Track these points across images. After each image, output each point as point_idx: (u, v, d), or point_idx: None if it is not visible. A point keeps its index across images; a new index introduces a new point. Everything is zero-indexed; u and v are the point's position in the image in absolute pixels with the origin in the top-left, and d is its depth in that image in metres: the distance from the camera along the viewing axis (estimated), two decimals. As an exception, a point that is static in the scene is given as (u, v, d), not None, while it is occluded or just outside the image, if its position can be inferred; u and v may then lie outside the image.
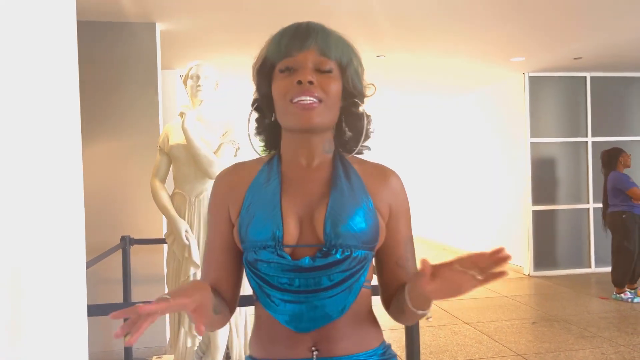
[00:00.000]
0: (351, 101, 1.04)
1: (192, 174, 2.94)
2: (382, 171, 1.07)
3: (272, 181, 1.02)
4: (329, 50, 0.98)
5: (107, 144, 4.07)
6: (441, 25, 4.52)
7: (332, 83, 0.98)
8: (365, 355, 1.01)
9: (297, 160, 1.04)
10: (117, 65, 4.08)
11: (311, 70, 0.97)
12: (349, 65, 1.01)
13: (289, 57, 0.98)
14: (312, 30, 0.99)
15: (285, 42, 0.99)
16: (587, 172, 6.77)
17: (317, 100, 0.96)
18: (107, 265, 3.91)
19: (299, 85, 0.95)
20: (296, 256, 0.97)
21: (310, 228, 0.98)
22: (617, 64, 6.27)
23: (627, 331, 4.28)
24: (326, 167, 1.04)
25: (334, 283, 0.96)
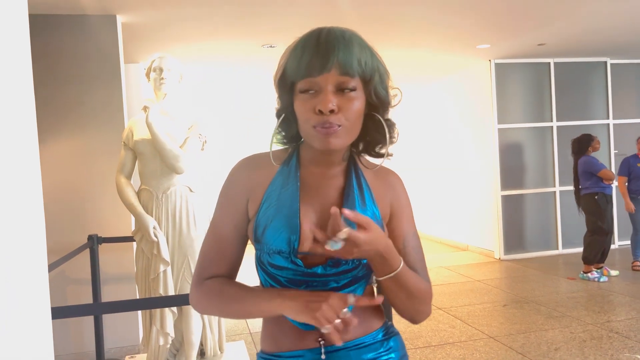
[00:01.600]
0: (370, 113, 1.02)
1: (159, 170, 2.88)
2: (383, 174, 1.11)
3: (291, 186, 1.04)
4: (352, 67, 0.94)
5: (71, 140, 3.96)
6: (407, 14, 4.52)
7: (354, 103, 0.96)
8: (370, 337, 1.05)
9: (316, 167, 1.06)
10: (78, 60, 3.96)
11: (332, 93, 0.94)
12: (373, 78, 0.98)
13: (309, 77, 0.94)
14: (333, 47, 0.93)
15: (305, 61, 0.94)
16: (553, 156, 6.92)
17: (338, 125, 0.95)
18: (75, 265, 3.83)
19: (319, 114, 0.94)
20: (308, 262, 1.00)
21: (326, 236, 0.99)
22: (579, 50, 6.41)
23: (594, 310, 4.41)
24: (341, 175, 1.07)
25: (341, 285, 1.01)
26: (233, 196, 1.07)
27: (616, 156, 6.98)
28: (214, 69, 6.32)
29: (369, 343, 1.05)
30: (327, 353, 1.01)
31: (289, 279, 1.00)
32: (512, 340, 3.79)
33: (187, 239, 2.91)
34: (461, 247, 7.87)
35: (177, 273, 2.92)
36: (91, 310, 2.80)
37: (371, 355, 1.04)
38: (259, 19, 4.37)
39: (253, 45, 5.21)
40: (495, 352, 3.58)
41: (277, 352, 1.05)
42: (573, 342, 3.67)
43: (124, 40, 4.30)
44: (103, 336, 3.56)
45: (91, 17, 3.98)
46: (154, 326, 2.93)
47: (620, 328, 3.91)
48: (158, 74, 2.93)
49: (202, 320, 3.04)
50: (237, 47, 5.30)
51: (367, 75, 0.97)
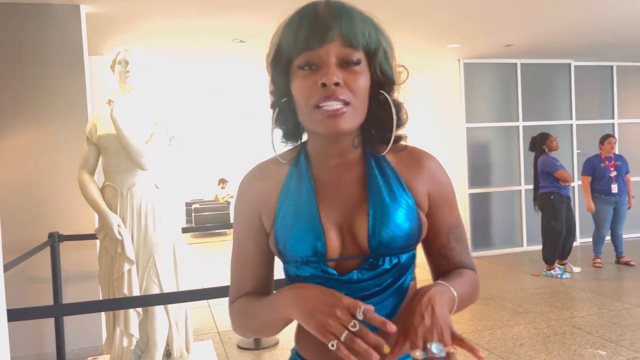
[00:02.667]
0: (377, 92, 0.91)
1: (123, 165, 2.80)
2: (417, 157, 0.98)
3: (305, 186, 0.93)
4: (355, 38, 0.84)
5: (31, 133, 3.82)
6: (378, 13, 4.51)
7: (360, 78, 0.86)
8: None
9: (327, 160, 0.95)
10: (38, 51, 3.81)
11: (335, 66, 0.84)
12: (378, 51, 0.89)
13: (309, 50, 0.84)
14: (334, 16, 0.84)
15: (303, 33, 0.84)
16: (519, 156, 7.06)
17: (344, 103, 0.84)
18: (34, 264, 3.70)
19: (323, 88, 0.83)
20: (341, 268, 0.90)
21: (352, 238, 0.90)
22: (545, 51, 6.55)
23: (558, 306, 4.52)
24: (358, 165, 0.95)
25: (382, 287, 0.91)
26: (245, 213, 0.98)
27: (578, 156, 7.17)
28: (182, 63, 6.20)
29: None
30: None
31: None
32: (479, 336, 3.84)
33: (152, 237, 2.84)
34: (429, 245, 7.95)
35: (142, 272, 2.84)
36: (52, 313, 2.70)
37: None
38: (230, 12, 4.30)
39: (223, 39, 5.13)
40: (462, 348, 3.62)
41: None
42: (537, 338, 3.75)
43: (88, 31, 4.17)
44: (64, 337, 3.45)
45: (54, 6, 3.83)
46: (117, 327, 2.85)
47: (582, 324, 4.01)
48: (123, 66, 2.84)
49: (168, 320, 2.98)
50: (206, 41, 5.20)
51: (371, 48, 0.88)
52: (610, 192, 5.75)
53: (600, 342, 3.62)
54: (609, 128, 7.47)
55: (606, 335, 3.74)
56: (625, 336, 3.69)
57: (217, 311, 4.68)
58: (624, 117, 7.60)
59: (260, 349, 3.75)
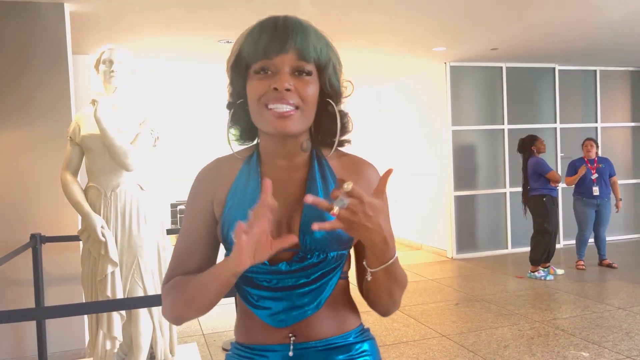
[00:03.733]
0: (326, 101, 1.01)
1: (107, 166, 2.76)
2: (357, 165, 1.08)
3: (252, 183, 1.02)
4: (308, 52, 0.95)
5: (12, 133, 3.75)
6: (365, 16, 4.53)
7: (310, 87, 0.96)
8: (342, 338, 1.03)
9: (276, 160, 1.04)
10: (22, 49, 3.75)
11: (288, 74, 0.94)
12: (327, 66, 0.99)
13: (267, 59, 0.94)
14: (291, 30, 0.94)
15: (263, 42, 0.94)
16: (504, 158, 7.12)
17: (294, 107, 0.94)
18: (16, 265, 3.64)
19: (275, 91, 0.92)
20: (273, 259, 0.98)
21: (288, 232, 0.99)
22: (529, 55, 6.62)
23: (541, 307, 4.56)
24: (304, 167, 1.04)
25: (310, 280, 0.99)
26: (199, 199, 1.06)
27: (562, 159, 7.26)
28: (167, 62, 6.15)
29: (341, 344, 1.03)
30: (296, 351, 1.00)
31: (257, 277, 1.00)
32: (464, 338, 3.86)
33: (137, 239, 2.80)
34: (415, 246, 7.98)
35: (125, 274, 2.81)
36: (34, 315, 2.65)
37: (342, 357, 1.02)
38: (215, 13, 4.27)
39: (209, 40, 5.10)
40: (447, 350, 3.64)
41: (249, 344, 1.04)
42: (521, 340, 3.77)
43: (72, 30, 4.11)
44: (46, 340, 3.39)
45: (37, 5, 3.78)
46: (100, 330, 2.81)
47: (565, 325, 4.05)
48: (108, 66, 2.81)
49: (152, 323, 2.94)
50: (192, 41, 5.17)
51: (322, 63, 0.97)
52: (592, 194, 5.82)
53: (583, 343, 3.66)
54: (592, 132, 7.57)
55: (589, 337, 3.78)
56: (608, 338, 3.74)
57: (202, 313, 4.64)
58: (606, 121, 7.71)
59: (245, 352, 3.72)
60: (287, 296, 0.99)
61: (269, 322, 1.00)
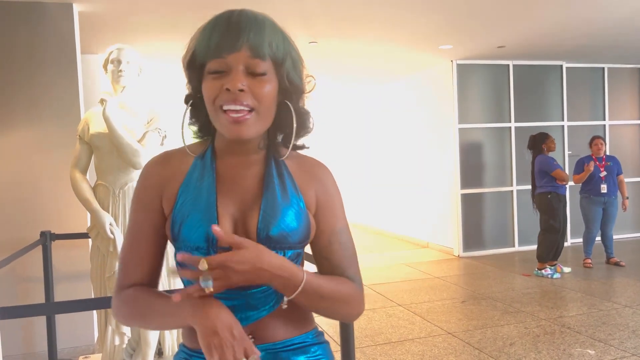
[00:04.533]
0: (283, 100, 0.97)
1: (116, 165, 2.80)
2: (311, 165, 1.05)
3: (207, 179, 0.99)
4: (262, 49, 0.90)
5: (23, 132, 3.80)
6: (372, 13, 4.54)
7: (265, 86, 0.92)
8: (299, 339, 1.02)
9: (232, 157, 1.01)
10: (32, 49, 3.80)
11: (242, 73, 0.90)
12: (285, 61, 0.95)
13: (219, 58, 0.90)
14: (244, 26, 0.90)
15: (215, 40, 0.90)
16: (511, 157, 7.10)
17: (248, 109, 0.90)
18: (26, 262, 3.69)
19: (228, 92, 0.89)
20: None
21: (244, 230, 0.96)
22: (537, 53, 6.59)
23: (548, 305, 4.55)
24: (260, 164, 1.02)
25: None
26: (146, 195, 1.01)
27: (570, 157, 7.23)
28: (175, 61, 6.18)
29: (300, 345, 1.02)
30: None
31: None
32: (470, 335, 3.87)
33: (145, 236, 2.84)
34: (422, 245, 7.99)
35: (134, 271, 2.84)
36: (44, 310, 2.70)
37: (301, 358, 1.01)
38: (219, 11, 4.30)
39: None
40: (453, 347, 3.65)
41: (199, 350, 0.97)
42: (527, 337, 3.78)
43: (81, 30, 4.16)
44: (56, 336, 3.44)
45: (46, 5, 3.82)
46: (109, 325, 2.85)
47: (572, 323, 4.05)
48: (116, 66, 2.84)
49: (160, 319, 2.98)
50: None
51: (278, 58, 0.93)
52: (600, 192, 5.80)
53: (589, 341, 3.65)
54: (600, 129, 7.54)
55: (595, 334, 3.78)
56: (614, 335, 3.73)
57: (210, 310, 4.69)
58: (615, 119, 7.67)
59: (252, 348, 3.75)
60: (241, 295, 0.95)
61: None
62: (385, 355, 3.56)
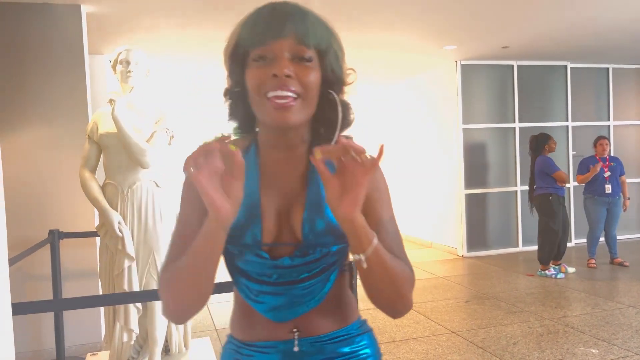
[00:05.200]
0: (326, 91, 0.95)
1: (124, 164, 2.84)
2: None
3: (250, 175, 0.98)
4: (308, 36, 0.89)
5: (31, 132, 3.85)
6: (376, 14, 4.57)
7: (311, 73, 0.90)
8: (344, 331, 1.03)
9: (275, 152, 1.00)
10: (40, 50, 3.85)
11: (288, 60, 0.88)
12: (328, 51, 0.93)
13: (264, 45, 0.88)
14: (289, 14, 0.90)
15: (259, 28, 0.89)
16: (515, 157, 7.11)
17: (295, 95, 0.89)
18: (34, 261, 3.73)
19: (274, 78, 0.87)
20: (274, 254, 0.96)
21: (288, 226, 0.97)
22: (541, 53, 6.60)
23: (551, 305, 4.57)
24: (304, 159, 1.00)
25: (311, 274, 0.97)
26: (190, 192, 0.99)
27: (574, 157, 7.23)
28: (182, 62, 6.23)
29: (345, 337, 1.03)
30: (301, 345, 0.99)
31: (258, 272, 0.97)
32: (473, 335, 3.89)
33: (152, 235, 2.88)
34: (426, 245, 8.01)
35: (142, 269, 2.88)
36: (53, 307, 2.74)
37: (347, 349, 1.02)
38: (230, 12, 4.34)
39: (222, 39, 5.14)
40: (457, 346, 3.68)
41: (250, 341, 1.01)
42: (531, 337, 3.80)
43: (88, 30, 4.20)
44: (64, 333, 3.48)
45: (55, 6, 3.87)
46: (117, 322, 2.89)
47: (575, 323, 4.06)
48: (125, 66, 2.88)
49: (167, 317, 3.01)
50: (206, 40, 5.24)
51: (322, 48, 0.92)
52: (604, 192, 5.81)
53: (592, 341, 3.67)
54: (605, 130, 7.54)
55: (599, 334, 3.79)
56: (618, 335, 3.75)
57: (215, 309, 4.73)
58: (619, 119, 7.67)
59: (257, 346, 3.79)
60: (287, 290, 0.96)
61: (269, 317, 0.98)
62: (390, 354, 3.59)
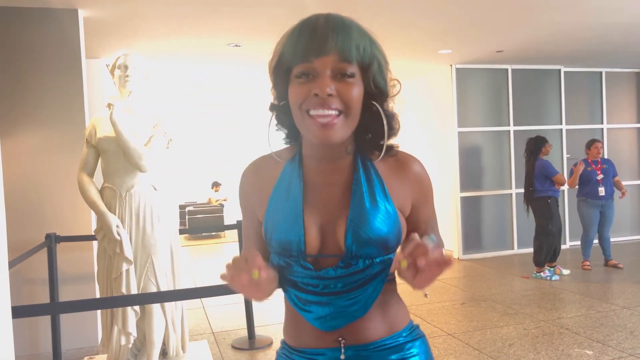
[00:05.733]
0: (370, 102, 0.95)
1: (122, 168, 2.85)
2: (401, 162, 1.04)
3: (294, 186, 0.99)
4: (350, 53, 0.89)
5: (29, 136, 3.86)
6: (369, 19, 4.60)
7: (353, 89, 0.90)
8: (391, 339, 1.02)
9: (319, 164, 1.00)
10: (38, 54, 3.86)
11: (330, 78, 0.88)
12: (372, 65, 0.93)
13: (306, 62, 0.89)
14: (332, 30, 0.89)
15: (302, 45, 0.89)
16: (510, 160, 7.16)
17: (337, 112, 0.89)
18: (31, 265, 3.73)
19: (316, 97, 0.88)
20: (318, 264, 0.97)
21: (332, 238, 0.97)
22: (535, 57, 6.65)
23: (547, 307, 4.60)
24: (348, 170, 1.00)
25: (357, 285, 0.97)
26: (243, 202, 1.08)
27: (568, 160, 7.28)
28: (178, 66, 6.25)
29: (392, 345, 1.02)
30: (347, 354, 0.99)
31: (304, 282, 0.98)
32: (469, 337, 3.92)
33: (150, 238, 2.89)
34: (421, 247, 8.01)
35: (139, 272, 2.89)
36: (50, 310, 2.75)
37: (395, 357, 1.02)
38: (225, 17, 4.36)
39: (219, 43, 5.19)
40: (453, 348, 3.70)
41: (300, 347, 1.04)
42: (526, 338, 3.83)
43: (85, 34, 4.22)
44: (60, 337, 3.49)
45: (52, 10, 3.88)
46: (115, 325, 2.89)
47: (570, 324, 4.09)
48: (123, 71, 2.90)
49: (164, 319, 3.02)
50: (202, 45, 5.26)
51: (365, 62, 0.92)
52: (597, 195, 5.85)
53: (587, 342, 3.70)
54: (598, 133, 7.60)
55: (593, 335, 3.82)
56: (612, 336, 3.78)
57: (212, 312, 4.73)
58: (612, 122, 7.73)
59: (254, 349, 3.80)
60: (333, 301, 0.97)
61: (316, 325, 0.99)
62: (386, 356, 3.60)
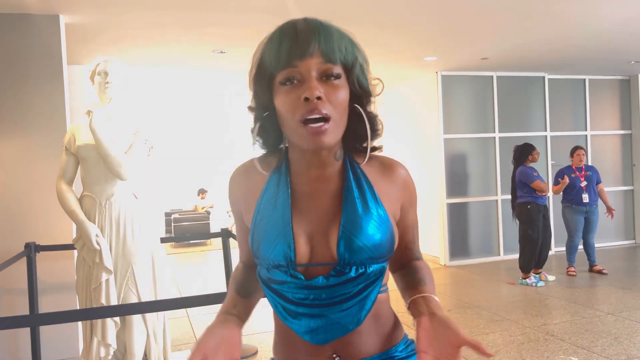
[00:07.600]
0: (354, 105, 0.94)
1: (102, 176, 2.80)
2: (387, 166, 1.04)
3: (282, 194, 0.96)
4: (334, 53, 0.88)
5: (8, 142, 3.79)
6: (355, 26, 4.60)
7: (340, 92, 0.89)
8: (387, 355, 1.00)
9: (307, 171, 0.98)
10: (18, 60, 3.79)
11: (316, 80, 0.87)
12: (354, 66, 0.93)
13: (290, 67, 0.87)
14: (313, 33, 0.88)
15: (285, 50, 0.87)
16: (495, 166, 7.20)
17: (327, 118, 0.87)
18: (10, 274, 3.65)
19: (306, 102, 0.86)
20: (309, 274, 0.94)
21: (323, 246, 0.94)
22: (519, 65, 6.72)
23: (532, 313, 4.61)
24: (337, 177, 0.98)
25: (349, 296, 0.93)
26: (232, 205, 1.07)
27: (553, 167, 7.34)
28: (162, 73, 6.20)
29: (388, 359, 1.01)
30: None
31: (293, 292, 0.94)
32: (455, 344, 3.90)
33: (131, 247, 2.84)
34: (408, 254, 8.02)
35: (120, 282, 2.84)
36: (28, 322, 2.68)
37: None
38: (210, 23, 4.33)
39: (203, 50, 5.16)
40: (439, 356, 3.68)
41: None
42: (512, 345, 3.82)
43: (67, 41, 4.17)
44: (40, 348, 3.41)
45: (33, 17, 3.83)
46: (94, 337, 2.84)
47: (555, 331, 4.10)
48: (103, 77, 2.86)
49: (146, 330, 2.97)
50: (186, 51, 5.23)
51: (349, 63, 0.91)
52: (582, 201, 5.90)
53: (572, 348, 3.71)
54: (582, 139, 7.68)
55: (578, 342, 3.83)
56: (597, 342, 3.79)
57: (196, 321, 4.67)
58: (596, 129, 7.82)
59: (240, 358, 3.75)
60: (324, 312, 0.93)
61: (307, 339, 0.94)
62: (372, 365, 3.58)
